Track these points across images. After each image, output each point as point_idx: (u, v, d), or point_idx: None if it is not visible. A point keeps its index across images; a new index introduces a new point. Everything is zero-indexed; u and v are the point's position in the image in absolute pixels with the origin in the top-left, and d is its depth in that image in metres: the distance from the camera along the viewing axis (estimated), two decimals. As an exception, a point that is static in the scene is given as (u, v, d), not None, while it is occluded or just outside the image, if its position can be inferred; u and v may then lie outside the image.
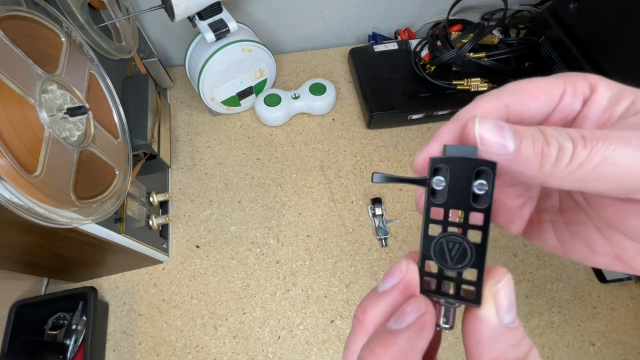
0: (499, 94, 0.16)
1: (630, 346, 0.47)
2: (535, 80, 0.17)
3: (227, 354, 0.47)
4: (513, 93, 0.16)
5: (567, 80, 0.16)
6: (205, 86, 0.58)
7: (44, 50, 0.33)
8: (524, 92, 0.16)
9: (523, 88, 0.16)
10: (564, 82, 0.16)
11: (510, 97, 0.16)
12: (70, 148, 0.32)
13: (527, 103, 0.16)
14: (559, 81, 0.16)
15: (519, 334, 0.13)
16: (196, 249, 0.54)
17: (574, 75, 0.16)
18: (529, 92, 0.16)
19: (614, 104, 0.15)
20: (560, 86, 0.16)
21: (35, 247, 0.38)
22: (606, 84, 0.16)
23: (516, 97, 0.16)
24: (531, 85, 0.16)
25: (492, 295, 0.14)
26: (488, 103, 0.16)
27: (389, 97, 0.63)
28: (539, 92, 0.16)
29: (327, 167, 0.61)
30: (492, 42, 0.64)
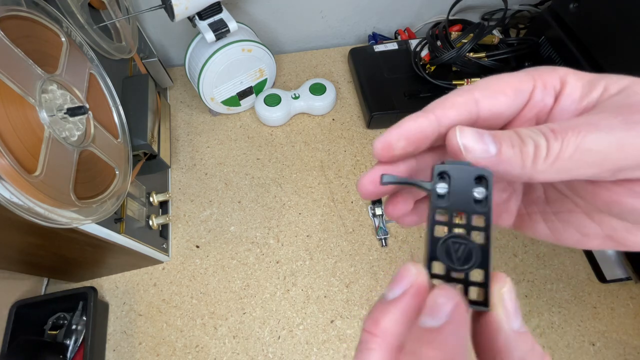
0: (470, 88, 0.17)
1: (630, 346, 0.47)
2: (505, 76, 0.17)
3: (227, 354, 0.47)
4: (483, 89, 0.17)
5: (537, 76, 0.16)
6: (205, 86, 0.58)
7: (44, 50, 0.33)
8: (493, 88, 0.16)
9: (492, 84, 0.17)
10: (533, 78, 0.16)
11: (481, 93, 0.16)
12: (70, 148, 0.32)
13: (496, 98, 0.16)
14: (529, 77, 0.16)
15: (529, 339, 0.13)
16: (196, 249, 0.54)
17: (543, 70, 0.16)
18: (498, 88, 0.16)
19: (587, 93, 0.15)
20: (530, 82, 0.16)
21: (35, 247, 0.38)
22: (576, 75, 0.16)
23: (486, 93, 0.16)
24: (500, 82, 0.17)
25: (500, 299, 0.13)
26: (459, 97, 0.16)
27: (389, 97, 0.63)
28: (507, 89, 0.16)
29: (327, 167, 0.61)
30: (492, 42, 0.64)
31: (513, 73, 0.17)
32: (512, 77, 0.17)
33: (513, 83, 0.16)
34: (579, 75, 0.16)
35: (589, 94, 0.15)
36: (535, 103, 0.16)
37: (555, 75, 0.16)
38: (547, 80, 0.16)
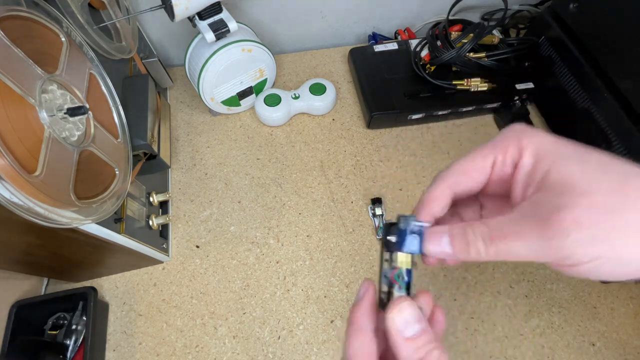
0: (443, 179, 0.22)
1: (630, 346, 0.47)
2: (471, 159, 0.22)
3: (227, 354, 0.47)
4: (453, 176, 0.22)
5: (499, 150, 0.21)
6: (205, 86, 0.58)
7: (44, 50, 0.33)
8: (461, 174, 0.22)
9: (461, 169, 0.22)
10: (494, 154, 0.21)
11: (451, 181, 0.22)
12: (70, 148, 0.32)
13: (465, 182, 0.22)
14: (491, 152, 0.21)
15: (418, 342, 0.19)
16: (196, 249, 0.54)
17: (507, 140, 0.21)
18: (464, 173, 0.22)
19: (533, 172, 0.19)
20: (491, 158, 0.21)
21: (35, 247, 0.38)
22: (532, 149, 0.20)
23: (456, 180, 0.22)
24: (467, 164, 0.22)
25: (392, 316, 0.20)
26: (436, 191, 0.22)
27: (389, 97, 0.63)
28: (472, 172, 0.22)
29: (327, 167, 0.61)
30: (492, 42, 0.64)
31: (480, 149, 0.22)
32: (478, 157, 0.22)
33: (477, 165, 0.22)
34: (534, 149, 0.20)
35: (534, 174, 0.19)
36: (497, 173, 0.21)
37: (516, 147, 0.20)
38: (507, 153, 0.20)
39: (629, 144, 0.49)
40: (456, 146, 0.63)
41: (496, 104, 0.64)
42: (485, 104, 0.63)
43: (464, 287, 0.51)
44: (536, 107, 0.67)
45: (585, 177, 0.17)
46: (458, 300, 0.50)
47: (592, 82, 0.53)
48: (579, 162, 0.18)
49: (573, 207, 0.16)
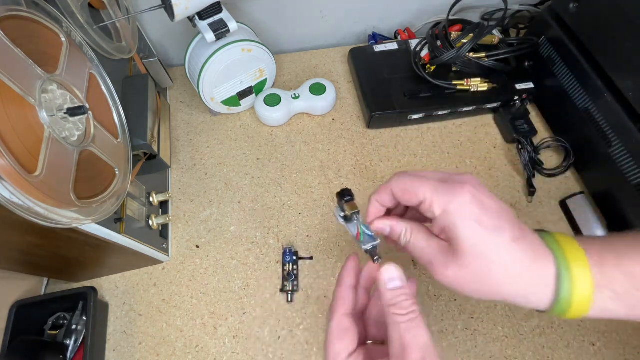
0: (393, 182, 0.29)
1: (630, 346, 0.47)
2: (414, 184, 0.27)
3: (227, 354, 0.47)
4: (396, 187, 0.29)
5: (431, 198, 0.26)
6: (205, 86, 0.58)
7: (44, 50, 0.33)
8: (401, 189, 0.28)
9: (402, 186, 0.28)
10: (424, 199, 0.26)
11: (395, 188, 0.29)
12: (70, 148, 0.32)
13: (402, 196, 0.28)
14: (425, 195, 0.26)
15: (396, 292, 0.26)
16: (196, 249, 0.54)
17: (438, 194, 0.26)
18: (403, 190, 0.28)
19: (437, 224, 0.27)
20: (419, 198, 0.27)
21: (35, 247, 0.38)
22: (447, 211, 0.25)
23: (396, 191, 0.29)
24: (408, 186, 0.28)
25: (380, 273, 0.27)
26: (382, 191, 0.30)
27: (389, 97, 0.63)
28: (407, 194, 0.28)
29: (327, 167, 0.61)
30: (492, 42, 0.64)
31: (423, 182, 0.27)
32: (417, 187, 0.27)
33: (413, 192, 0.27)
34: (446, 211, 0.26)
35: (440, 224, 0.27)
36: (422, 209, 0.27)
37: (437, 205, 0.26)
38: (432, 205, 0.26)
39: (629, 144, 0.49)
40: (456, 146, 0.63)
41: (496, 104, 0.64)
42: (485, 104, 0.63)
43: (464, 287, 0.51)
44: (536, 107, 0.67)
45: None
46: (458, 300, 0.50)
47: (592, 82, 0.53)
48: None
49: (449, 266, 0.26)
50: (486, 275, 0.24)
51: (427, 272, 0.32)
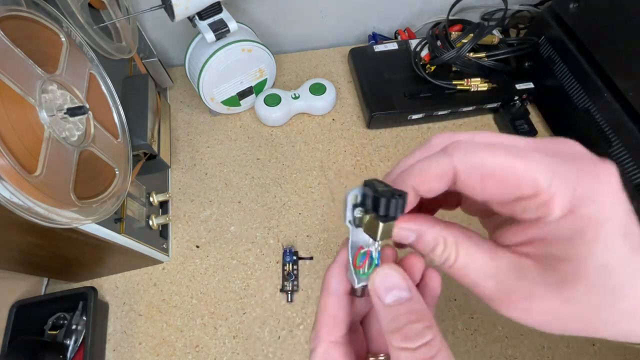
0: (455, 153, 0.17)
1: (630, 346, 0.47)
2: (512, 162, 0.16)
3: (227, 354, 0.47)
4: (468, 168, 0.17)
5: (553, 189, 0.15)
6: (205, 86, 0.58)
7: (44, 50, 0.33)
8: (478, 176, 0.16)
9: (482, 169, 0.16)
10: (540, 188, 0.15)
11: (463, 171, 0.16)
12: (70, 148, 0.32)
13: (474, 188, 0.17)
14: (541, 178, 0.15)
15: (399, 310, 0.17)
16: (196, 249, 0.54)
17: (564, 174, 0.15)
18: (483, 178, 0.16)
19: (564, 243, 0.15)
20: (531, 190, 0.15)
21: (35, 247, 0.38)
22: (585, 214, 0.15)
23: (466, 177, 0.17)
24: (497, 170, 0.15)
25: (372, 287, 0.18)
26: (433, 170, 0.17)
27: (389, 97, 0.63)
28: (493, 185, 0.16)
29: (327, 167, 0.61)
30: (492, 42, 0.64)
31: (523, 156, 0.15)
32: (513, 170, 0.15)
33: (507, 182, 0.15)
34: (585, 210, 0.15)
35: (570, 248, 0.15)
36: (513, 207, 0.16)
37: (565, 199, 0.15)
38: (553, 202, 0.15)
39: (629, 144, 0.49)
40: (456, 146, 0.63)
41: (496, 104, 0.64)
42: (485, 104, 0.63)
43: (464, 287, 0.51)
44: (536, 107, 0.67)
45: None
46: (458, 300, 0.50)
47: (592, 82, 0.53)
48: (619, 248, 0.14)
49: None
50: (609, 311, 0.16)
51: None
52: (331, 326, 0.19)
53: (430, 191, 0.17)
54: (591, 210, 0.14)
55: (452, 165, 0.16)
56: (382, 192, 0.16)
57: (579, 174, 0.15)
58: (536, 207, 0.15)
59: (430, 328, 0.16)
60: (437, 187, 0.17)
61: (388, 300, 0.17)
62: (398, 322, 0.16)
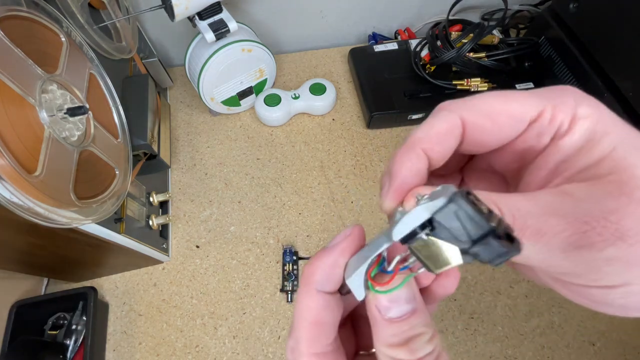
0: (458, 107, 0.15)
1: (630, 346, 0.47)
2: (506, 97, 0.15)
3: (227, 354, 0.47)
4: (472, 110, 0.15)
5: (548, 103, 0.14)
6: (205, 86, 0.58)
7: (44, 50, 0.33)
8: (485, 111, 0.15)
9: (486, 105, 0.15)
10: (542, 105, 0.14)
11: (469, 114, 0.15)
12: (70, 148, 0.32)
13: (484, 126, 0.15)
14: (536, 102, 0.14)
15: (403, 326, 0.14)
16: (196, 249, 0.54)
17: (563, 96, 0.14)
18: (490, 112, 0.15)
19: (580, 154, 0.14)
20: (534, 110, 0.14)
21: (35, 247, 0.38)
22: (591, 122, 0.14)
23: (474, 117, 0.15)
24: (496, 102, 0.15)
25: (373, 297, 0.15)
26: (441, 124, 0.15)
27: (389, 97, 0.63)
28: (501, 116, 0.15)
29: (327, 167, 0.61)
30: (492, 42, 0.64)
31: (518, 93, 0.15)
32: (513, 100, 0.15)
33: (511, 109, 0.15)
34: (593, 123, 0.14)
35: (579, 158, 0.14)
36: (527, 137, 0.15)
37: (569, 110, 0.14)
38: (557, 114, 0.14)
39: (629, 144, 0.49)
40: (456, 146, 0.63)
41: (496, 104, 0.64)
42: (485, 104, 0.63)
43: (464, 287, 0.51)
44: (536, 107, 0.67)
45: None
46: (458, 300, 0.50)
47: (592, 82, 0.53)
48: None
49: (623, 214, 0.12)
50: None
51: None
52: (315, 336, 0.15)
53: (440, 153, 0.15)
54: (596, 119, 0.14)
55: (458, 116, 0.15)
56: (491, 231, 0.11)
57: (579, 98, 0.14)
58: (548, 124, 0.14)
59: (433, 337, 0.14)
60: (447, 145, 0.15)
61: (391, 315, 0.14)
62: (401, 337, 0.14)
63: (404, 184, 0.15)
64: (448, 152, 0.15)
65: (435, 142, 0.15)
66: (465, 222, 0.12)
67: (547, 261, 0.13)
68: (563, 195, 0.13)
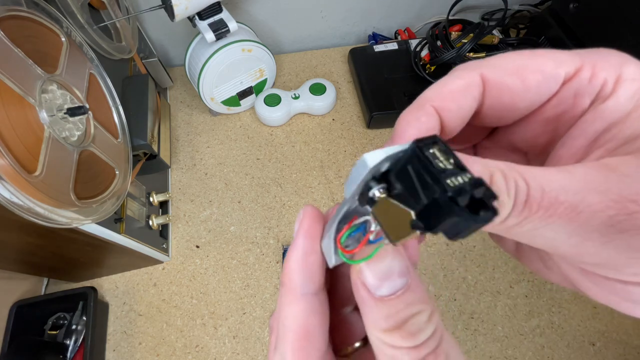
0: (477, 65, 0.13)
1: (630, 346, 0.47)
2: (535, 54, 0.12)
3: (227, 354, 0.47)
4: (494, 66, 0.13)
5: (588, 63, 0.12)
6: (205, 86, 0.58)
7: (44, 50, 0.33)
8: (510, 71, 0.12)
9: (512, 64, 0.13)
10: (577, 64, 0.12)
11: (490, 72, 0.13)
12: (70, 148, 0.32)
13: (507, 85, 0.13)
14: (575, 57, 0.12)
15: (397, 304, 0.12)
16: (196, 249, 0.54)
17: (600, 56, 0.12)
18: (517, 71, 0.12)
19: (626, 122, 0.12)
20: (571, 66, 0.12)
21: (35, 247, 0.38)
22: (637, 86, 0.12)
23: (496, 73, 0.13)
24: (525, 61, 0.12)
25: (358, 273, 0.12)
26: (456, 81, 0.13)
27: (389, 97, 0.63)
28: (529, 72, 0.12)
29: (327, 167, 0.61)
30: (492, 42, 0.64)
31: (548, 50, 0.12)
32: (543, 55, 0.12)
33: (543, 64, 0.12)
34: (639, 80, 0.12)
35: (625, 125, 0.12)
36: (563, 101, 0.13)
37: (613, 69, 0.12)
38: (598, 72, 0.12)
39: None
40: (456, 146, 0.63)
41: (496, 104, 0.64)
42: (485, 104, 0.63)
43: (464, 287, 0.51)
44: (536, 107, 0.67)
45: None
46: (458, 300, 0.50)
47: (592, 82, 0.53)
48: None
49: None
50: None
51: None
52: (304, 347, 0.13)
53: (455, 114, 0.13)
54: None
55: (479, 73, 0.13)
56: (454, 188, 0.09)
57: (625, 58, 0.12)
58: (588, 83, 0.12)
59: (433, 315, 0.12)
60: (464, 105, 0.13)
61: (382, 293, 0.12)
62: (397, 319, 0.11)
63: (406, 135, 0.12)
64: (464, 116, 0.13)
65: (450, 99, 0.13)
66: (418, 180, 0.09)
67: (580, 247, 0.11)
68: (606, 169, 0.11)
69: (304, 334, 0.13)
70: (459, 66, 0.13)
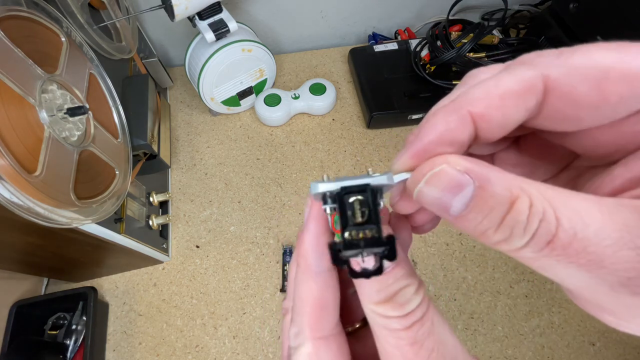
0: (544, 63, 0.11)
1: (630, 346, 0.47)
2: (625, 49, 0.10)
3: (227, 354, 0.47)
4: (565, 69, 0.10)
5: None
6: (205, 86, 0.58)
7: (44, 50, 0.33)
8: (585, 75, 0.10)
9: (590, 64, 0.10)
10: None
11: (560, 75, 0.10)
12: (70, 148, 0.32)
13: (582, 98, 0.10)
14: None
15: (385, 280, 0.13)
16: (196, 249, 0.54)
17: None
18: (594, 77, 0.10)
19: None
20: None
21: (35, 247, 0.38)
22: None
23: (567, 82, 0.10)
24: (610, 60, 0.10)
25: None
26: (511, 83, 0.11)
27: (389, 97, 0.63)
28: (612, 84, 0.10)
29: (327, 167, 0.61)
30: (492, 42, 0.64)
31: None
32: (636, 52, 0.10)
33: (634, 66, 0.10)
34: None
35: None
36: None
37: None
38: None
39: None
40: (456, 146, 0.63)
41: (496, 104, 0.64)
42: (485, 104, 0.63)
43: (464, 287, 0.51)
44: (536, 107, 0.67)
45: None
46: (458, 300, 0.50)
47: (592, 82, 0.53)
48: None
49: None
50: None
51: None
52: (319, 318, 0.14)
53: (498, 124, 0.11)
54: None
55: (540, 74, 0.10)
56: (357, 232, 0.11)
57: None
58: None
59: (419, 288, 0.13)
60: (512, 115, 0.10)
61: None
62: (387, 292, 0.13)
63: (426, 151, 0.11)
64: (507, 128, 0.11)
65: (496, 107, 0.10)
66: (341, 217, 0.12)
67: (586, 291, 0.10)
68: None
69: (320, 306, 0.14)
70: (519, 58, 0.11)
